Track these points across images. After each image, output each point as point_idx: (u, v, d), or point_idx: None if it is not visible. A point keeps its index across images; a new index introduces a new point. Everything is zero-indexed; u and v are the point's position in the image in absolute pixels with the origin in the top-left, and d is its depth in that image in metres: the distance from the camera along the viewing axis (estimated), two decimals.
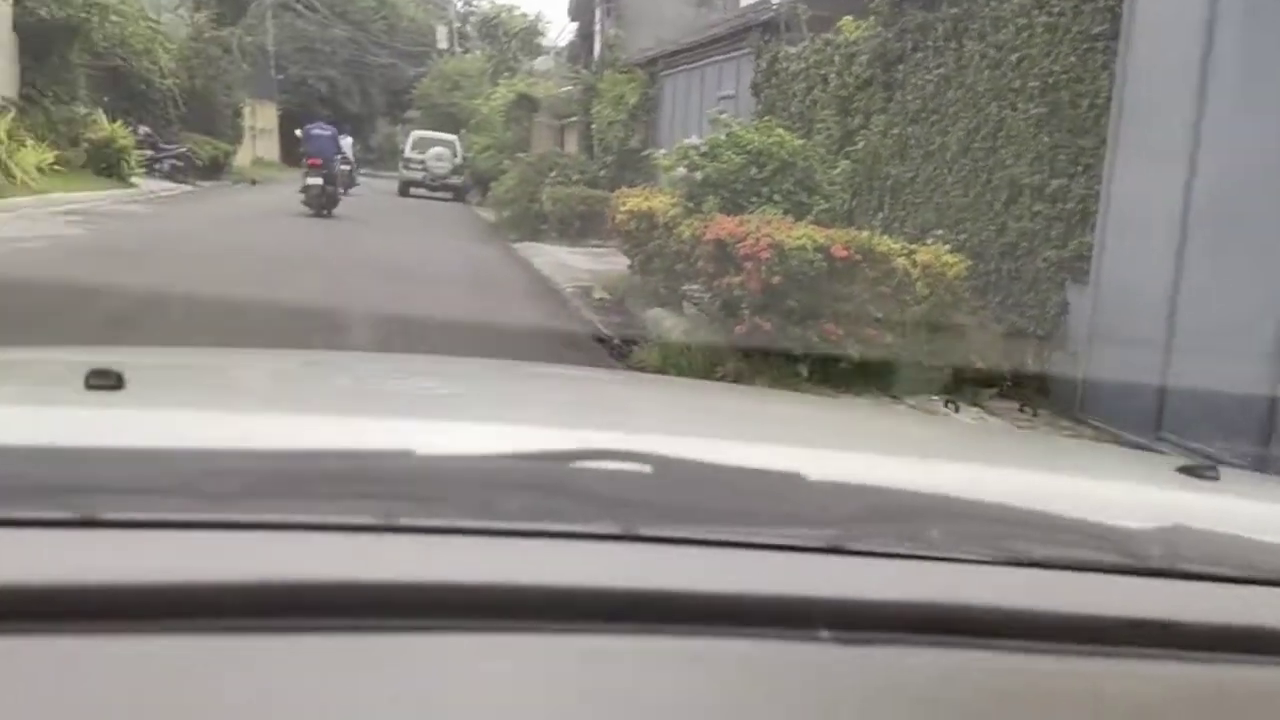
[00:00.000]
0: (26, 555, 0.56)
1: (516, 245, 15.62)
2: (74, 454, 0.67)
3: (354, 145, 23.29)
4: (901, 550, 0.68)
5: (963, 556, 0.68)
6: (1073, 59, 6.34)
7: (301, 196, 16.51)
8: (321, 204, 16.33)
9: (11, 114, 15.47)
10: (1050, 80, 6.53)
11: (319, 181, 16.33)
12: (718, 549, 0.65)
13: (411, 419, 1.07)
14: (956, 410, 5.56)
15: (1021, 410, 5.79)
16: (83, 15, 17.80)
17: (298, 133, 19.11)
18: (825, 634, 0.59)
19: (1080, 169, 6.26)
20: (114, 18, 19.76)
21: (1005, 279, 6.89)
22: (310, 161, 16.68)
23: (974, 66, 7.40)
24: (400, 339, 6.97)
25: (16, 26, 17.10)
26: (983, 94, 7.28)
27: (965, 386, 6.11)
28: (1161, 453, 3.71)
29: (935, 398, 5.87)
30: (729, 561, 0.65)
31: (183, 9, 26.19)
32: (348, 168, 19.25)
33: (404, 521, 0.63)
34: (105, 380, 0.83)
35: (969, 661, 0.61)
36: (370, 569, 0.58)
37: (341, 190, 17.43)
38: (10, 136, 14.47)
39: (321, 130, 17.56)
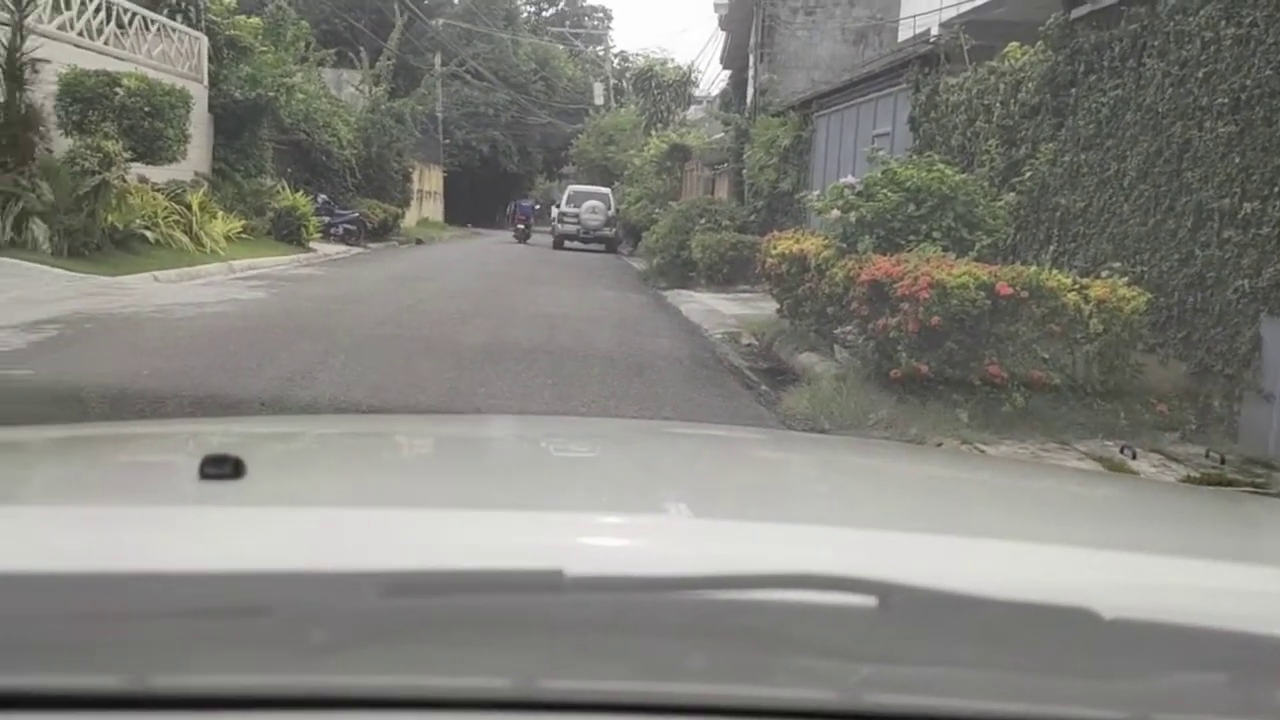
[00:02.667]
0: None
1: (665, 293, 15.67)
2: (146, 581, 0.54)
3: (512, 204, 36.77)
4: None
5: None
6: (1267, 72, 5.81)
7: (511, 236, 31.97)
8: (524, 237, 30.84)
9: (204, 187, 16.77)
10: (1242, 96, 6.00)
11: (522, 229, 31.53)
12: None
13: (560, 511, 0.88)
14: (1134, 456, 5.08)
15: (1208, 456, 5.24)
16: (271, 95, 19.20)
17: (509, 207, 36.59)
18: None
19: (1276, 190, 5.68)
20: (300, 96, 21.23)
21: (1190, 312, 6.31)
22: (518, 219, 32.35)
23: (1155, 86, 6.89)
24: (551, 392, 7.00)
25: (211, 108, 18.60)
26: (1164, 114, 6.77)
27: (1144, 430, 5.60)
28: None
29: (1109, 442, 5.40)
30: None
31: (363, 84, 27.86)
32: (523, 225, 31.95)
33: (547, 687, 0.47)
34: (221, 469, 0.72)
35: None
36: None
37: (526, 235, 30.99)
38: (202, 208, 15.65)
39: (524, 201, 34.48)
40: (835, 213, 8.43)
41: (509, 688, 0.48)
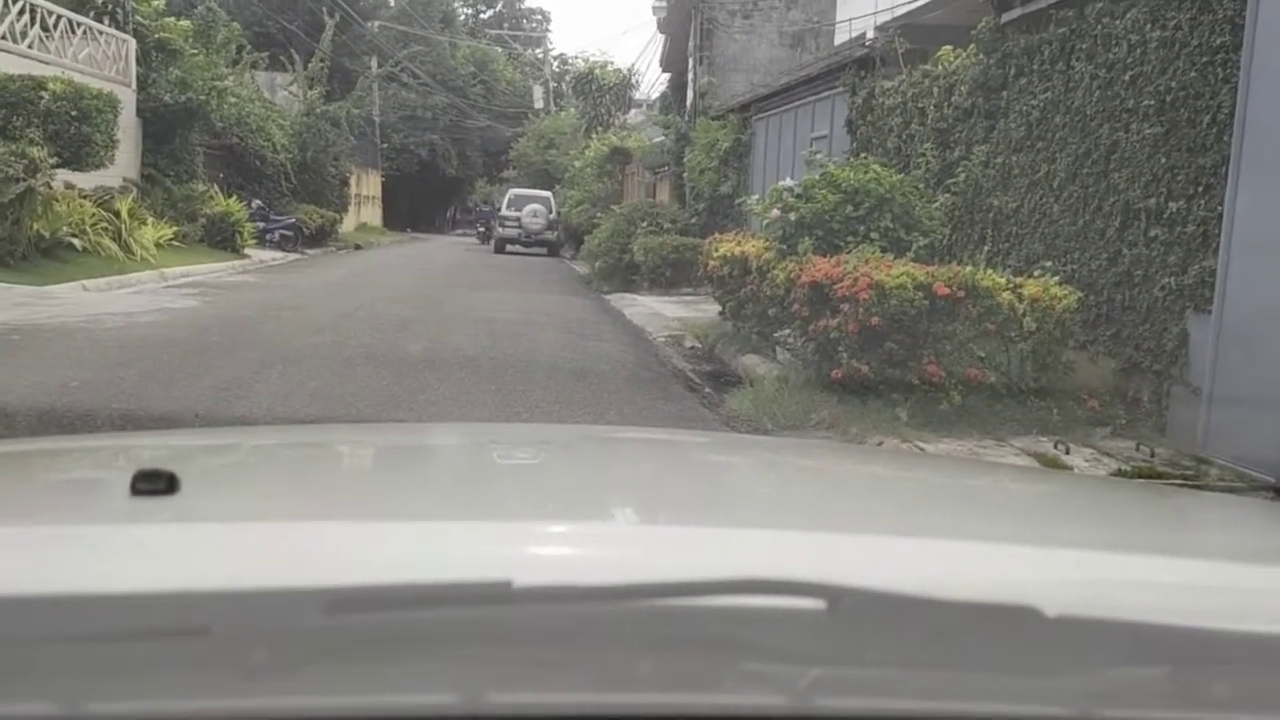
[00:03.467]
0: None
1: (609, 296, 15.66)
2: (78, 603, 0.52)
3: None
4: (1186, 718, 0.48)
5: None
6: (1191, 74, 5.98)
7: (474, 238, 34.22)
8: (486, 239, 31.51)
9: (133, 194, 16.35)
10: (1167, 98, 6.17)
11: (483, 231, 33.37)
12: None
13: (505, 521, 0.86)
14: (1067, 451, 5.20)
15: (1138, 449, 5.38)
16: (202, 99, 18.80)
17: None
18: None
19: (1200, 189, 5.86)
20: (232, 100, 20.82)
21: (1119, 310, 6.48)
22: (479, 224, 35.77)
23: (1083, 88, 7.06)
24: (495, 399, 6.95)
25: (140, 112, 18.15)
26: (1093, 116, 6.94)
27: (1077, 425, 5.73)
28: None
29: (1044, 438, 5.51)
30: None
31: (296, 86, 27.39)
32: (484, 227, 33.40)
33: (495, 701, 0.46)
34: (154, 484, 0.70)
35: None
36: None
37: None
38: (131, 215, 15.25)
39: (484, 207, 37.97)
40: (775, 214, 8.50)
41: (458, 703, 0.47)
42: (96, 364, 7.28)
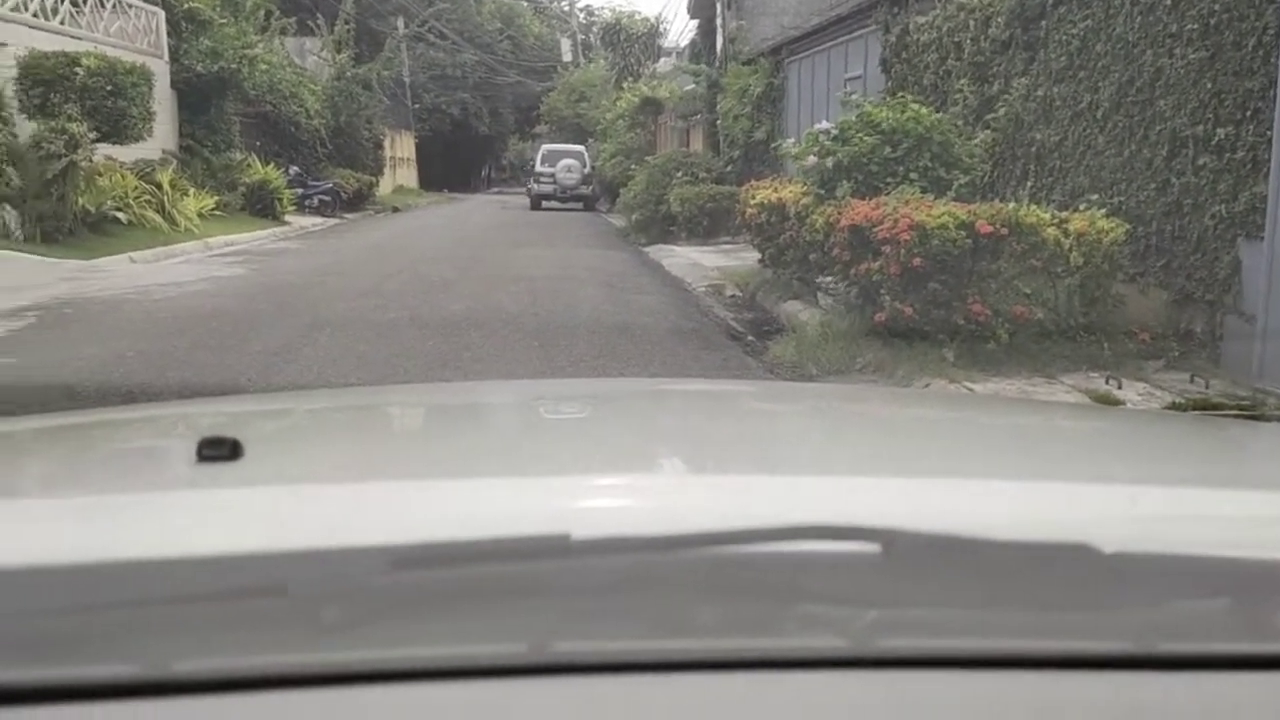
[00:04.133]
0: None
1: (647, 249, 15.63)
2: (157, 567, 0.54)
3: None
4: (1243, 650, 0.48)
5: None
6: None
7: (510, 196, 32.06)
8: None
9: (173, 165, 16.54)
10: (1211, 21, 6.00)
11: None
12: (987, 672, 0.46)
13: (562, 475, 0.87)
14: (1119, 387, 5.15)
15: (1192, 382, 5.31)
16: (234, 68, 18.88)
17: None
18: None
19: (1248, 114, 5.71)
20: (263, 67, 20.88)
21: (1169, 240, 6.36)
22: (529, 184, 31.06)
23: (1124, 15, 6.88)
24: (539, 355, 7.01)
25: (174, 84, 18.28)
26: (1135, 44, 6.76)
27: (1128, 360, 5.67)
28: None
29: (1095, 374, 5.46)
30: (1006, 687, 0.46)
31: (325, 51, 27.39)
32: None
33: (560, 648, 0.48)
34: (219, 450, 0.73)
35: None
36: None
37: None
38: (173, 186, 15.45)
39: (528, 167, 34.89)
40: (812, 159, 8.41)
41: (523, 653, 0.49)
42: (150, 334, 7.44)
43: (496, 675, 0.48)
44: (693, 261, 13.13)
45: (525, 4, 49.40)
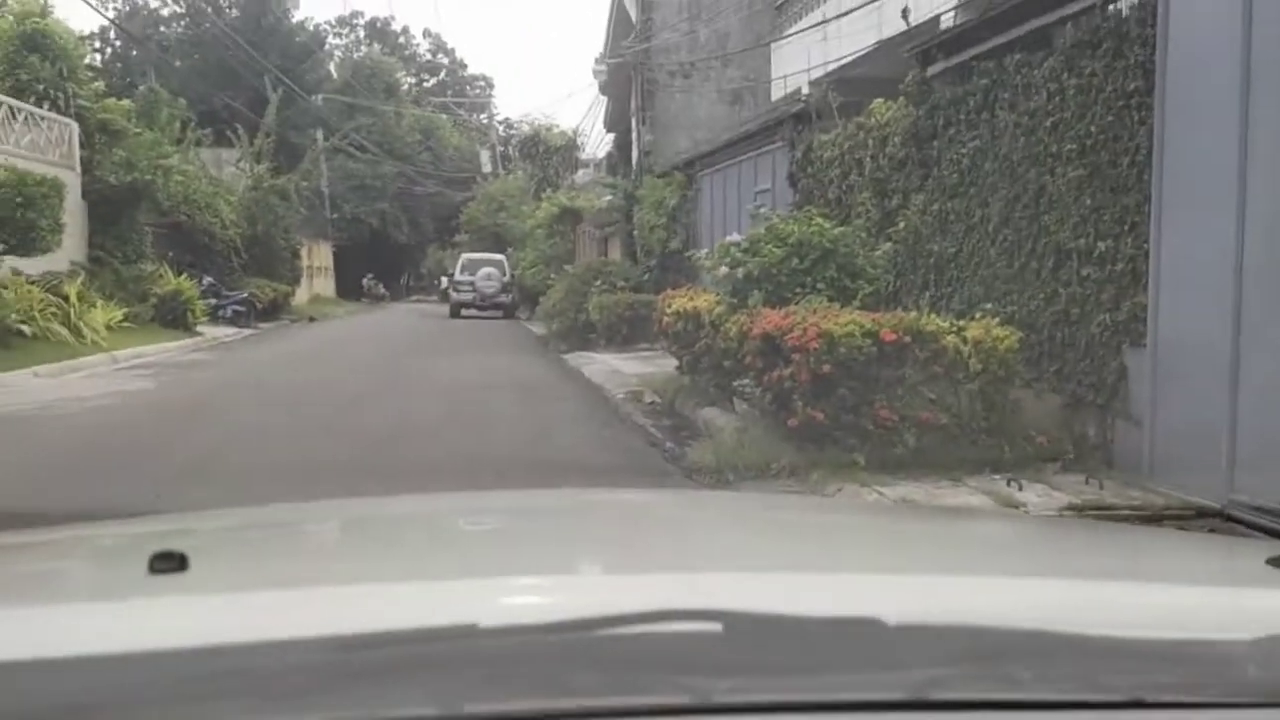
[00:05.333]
0: None
1: (567, 355, 15.76)
2: (116, 662, 0.66)
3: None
4: (991, 697, 0.63)
5: (1057, 699, 0.64)
6: (1109, 118, 6.27)
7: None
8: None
9: (81, 277, 16.22)
10: (1088, 142, 6.45)
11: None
12: (795, 714, 0.62)
13: (473, 578, 1.02)
14: (1020, 489, 5.35)
15: (1088, 483, 5.56)
16: (148, 179, 18.78)
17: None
18: None
19: (1126, 228, 6.12)
20: (178, 178, 20.81)
21: (1059, 347, 6.71)
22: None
23: (1008, 135, 7.36)
24: (458, 465, 6.98)
25: (86, 194, 18.08)
26: (1019, 162, 7.23)
27: (1028, 462, 5.90)
28: (1245, 531, 3.50)
29: (997, 476, 5.67)
30: None
31: (243, 162, 27.44)
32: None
33: (468, 710, 0.61)
34: (168, 564, 0.83)
35: None
36: None
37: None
38: (80, 299, 15.13)
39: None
40: (724, 269, 8.70)
41: (439, 713, 0.61)
42: (54, 452, 7.20)
43: None
44: (612, 369, 13.28)
45: (445, 117, 50.34)
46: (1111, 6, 6.39)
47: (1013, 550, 1.38)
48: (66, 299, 14.80)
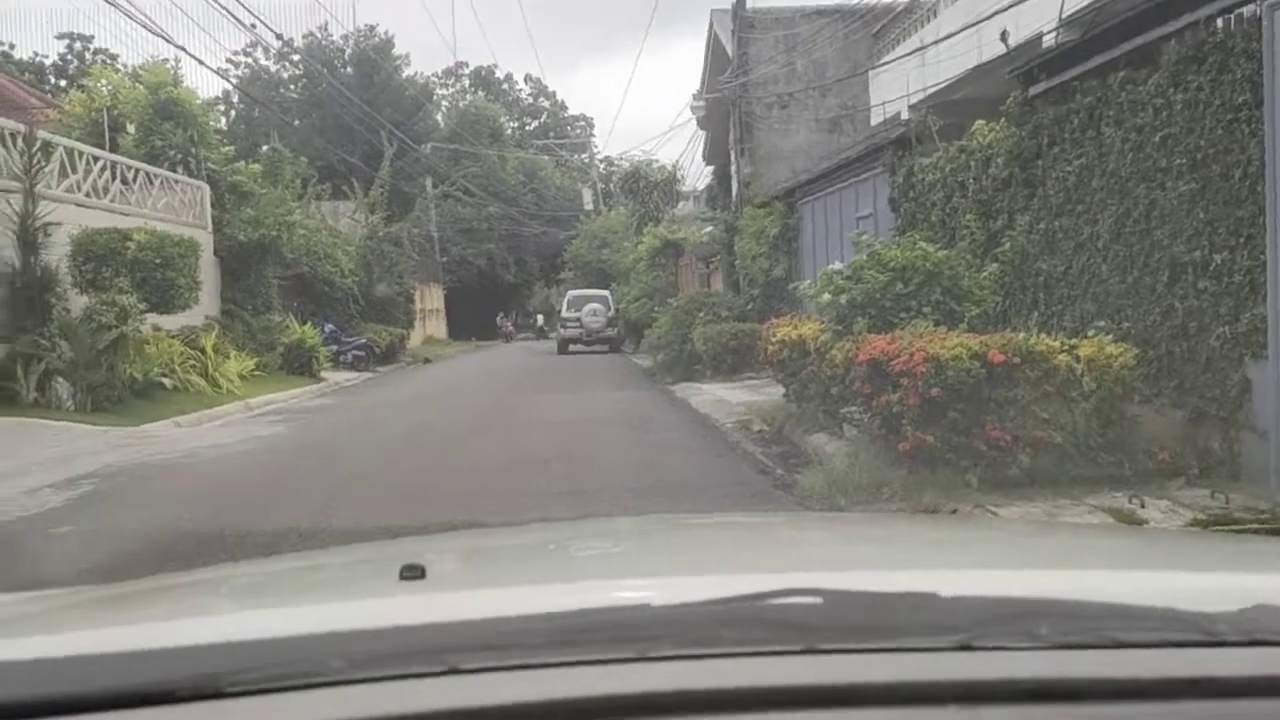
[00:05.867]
0: (407, 698, 0.82)
1: (673, 387, 15.94)
2: (418, 629, 0.95)
3: (515, 313, 41.10)
4: (1017, 644, 0.88)
5: (1065, 643, 0.88)
6: (1218, 131, 6.18)
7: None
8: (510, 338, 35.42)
9: (216, 330, 17.24)
10: (1197, 155, 6.36)
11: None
12: (874, 655, 0.87)
13: (644, 577, 1.37)
14: (1142, 505, 5.27)
15: (1213, 498, 5.43)
16: (274, 234, 19.89)
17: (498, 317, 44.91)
18: (954, 709, 0.81)
19: (1241, 240, 6.00)
20: (301, 232, 21.95)
21: (1178, 362, 6.57)
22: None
23: (1115, 152, 7.28)
24: (573, 498, 7.21)
25: (217, 251, 19.23)
26: (1128, 178, 7.14)
27: (1149, 478, 5.80)
28: None
29: (1118, 493, 5.59)
30: (883, 662, 0.86)
31: (359, 213, 28.74)
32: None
33: (652, 653, 0.86)
34: (414, 572, 1.14)
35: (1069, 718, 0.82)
36: (633, 684, 0.83)
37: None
38: (215, 350, 16.08)
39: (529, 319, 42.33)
40: (827, 297, 8.77)
41: (634, 655, 0.86)
42: (203, 496, 7.73)
43: (619, 663, 0.86)
44: (719, 398, 13.40)
45: (547, 158, 51.57)
46: (1217, 22, 6.30)
47: (1060, 546, 1.64)
48: (203, 351, 15.76)
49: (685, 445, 9.83)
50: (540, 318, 49.42)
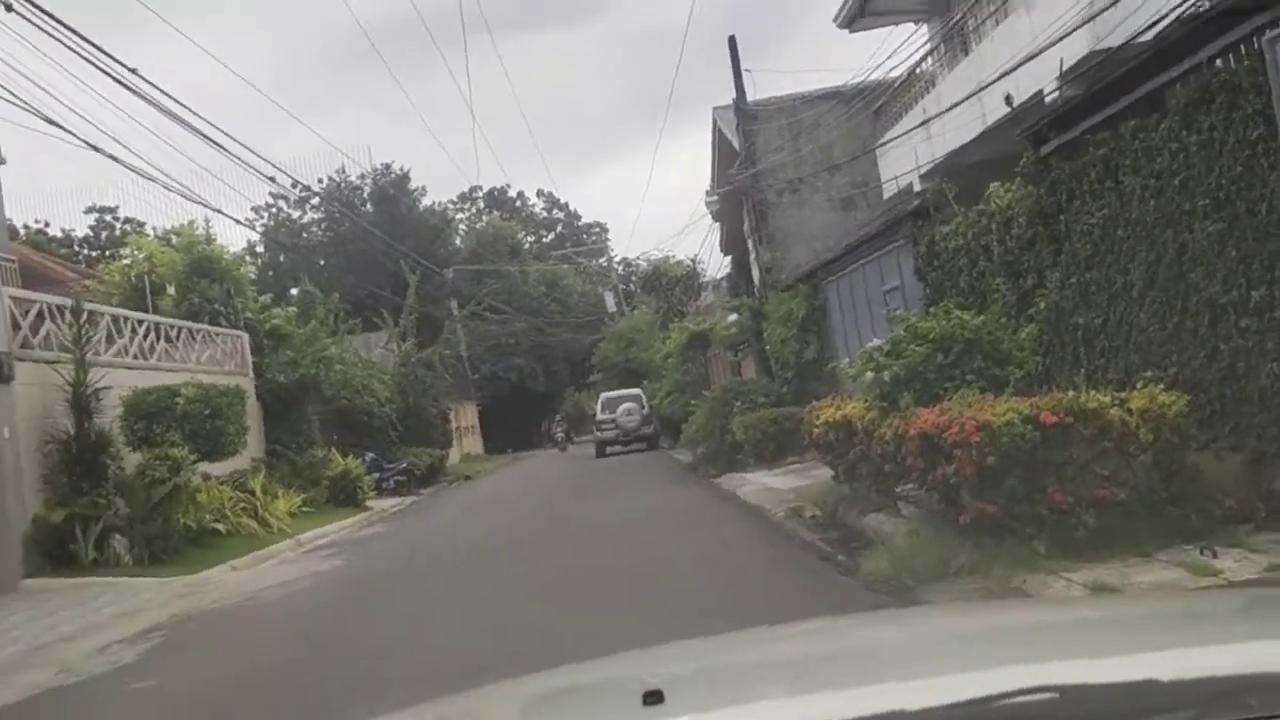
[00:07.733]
0: None
1: (718, 480, 15.86)
2: None
3: (546, 422, 43.84)
4: (1233, 716, 1.00)
5: (1271, 714, 1.00)
6: (1238, 168, 6.22)
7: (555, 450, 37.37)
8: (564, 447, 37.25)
9: (263, 471, 17.45)
10: (1220, 194, 6.39)
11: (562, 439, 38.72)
12: None
13: (876, 684, 1.41)
14: (1214, 556, 5.16)
15: None
16: (313, 373, 20.32)
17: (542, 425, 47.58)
18: None
19: (1277, 274, 5.99)
20: (338, 367, 22.40)
21: (1231, 404, 6.49)
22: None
23: (1137, 200, 7.32)
24: (634, 609, 7.14)
25: (258, 395, 19.60)
26: (1154, 224, 7.16)
27: (1218, 527, 5.67)
28: None
29: (1188, 546, 5.47)
30: None
31: (390, 342, 29.31)
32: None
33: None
34: (655, 698, 1.20)
35: None
36: None
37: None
38: (264, 491, 16.26)
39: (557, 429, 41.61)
40: (869, 375, 8.78)
41: None
42: (272, 640, 7.73)
43: None
44: (766, 486, 13.31)
45: (567, 266, 52.43)
46: (1218, 61, 6.42)
47: (1220, 618, 1.69)
48: (252, 493, 15.92)
49: (741, 538, 9.74)
50: (561, 430, 41.32)
